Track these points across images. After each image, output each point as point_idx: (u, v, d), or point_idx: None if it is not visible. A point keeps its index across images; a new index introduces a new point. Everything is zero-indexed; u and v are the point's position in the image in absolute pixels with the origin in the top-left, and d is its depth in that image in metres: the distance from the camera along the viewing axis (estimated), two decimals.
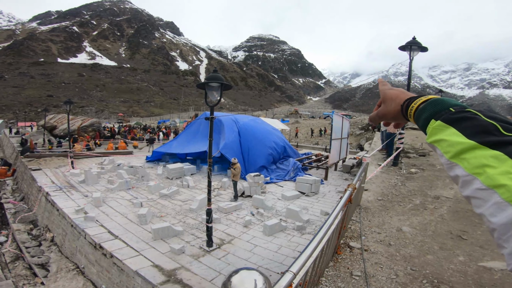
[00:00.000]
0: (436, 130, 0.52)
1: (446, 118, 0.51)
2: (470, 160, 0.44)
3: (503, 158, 0.40)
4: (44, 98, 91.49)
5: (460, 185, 0.47)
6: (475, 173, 0.43)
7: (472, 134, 0.46)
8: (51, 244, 7.43)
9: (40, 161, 13.14)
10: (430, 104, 0.58)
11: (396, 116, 0.69)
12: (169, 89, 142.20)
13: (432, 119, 0.54)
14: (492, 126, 0.45)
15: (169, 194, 8.31)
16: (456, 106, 0.54)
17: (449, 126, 0.50)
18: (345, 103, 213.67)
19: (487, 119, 0.46)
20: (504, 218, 0.38)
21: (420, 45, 7.93)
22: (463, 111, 0.50)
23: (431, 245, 4.09)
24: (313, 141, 29.76)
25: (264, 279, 0.78)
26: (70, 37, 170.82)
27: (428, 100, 0.60)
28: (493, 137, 0.43)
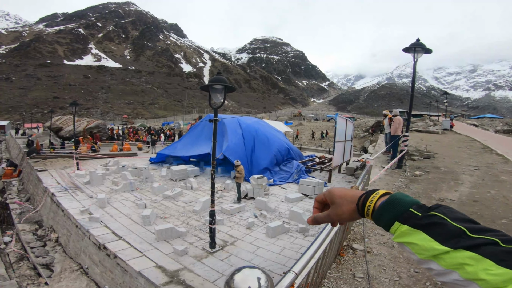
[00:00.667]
0: (404, 233, 0.55)
1: (414, 224, 0.55)
2: (446, 260, 0.50)
3: (478, 258, 0.47)
4: (50, 100, 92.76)
5: (434, 273, 0.52)
6: (453, 268, 0.49)
7: (444, 240, 0.50)
8: (56, 244, 7.51)
9: (46, 162, 13.31)
10: (389, 204, 0.60)
11: (352, 216, 0.69)
12: (173, 91, 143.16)
13: (396, 221, 0.57)
14: (460, 231, 0.50)
15: (173, 195, 8.35)
16: (414, 205, 0.58)
17: (419, 230, 0.54)
18: (349, 105, 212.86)
19: (454, 224, 0.51)
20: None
21: (424, 46, 7.88)
22: (430, 215, 0.54)
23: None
24: (317, 144, 29.70)
25: (266, 277, 0.79)
26: (76, 39, 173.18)
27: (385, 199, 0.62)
28: (464, 240, 0.49)
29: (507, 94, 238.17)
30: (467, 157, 9.75)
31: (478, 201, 5.59)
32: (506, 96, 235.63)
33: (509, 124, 21.97)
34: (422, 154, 10.09)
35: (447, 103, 34.50)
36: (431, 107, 54.48)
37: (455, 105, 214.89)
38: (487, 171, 7.82)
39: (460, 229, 0.50)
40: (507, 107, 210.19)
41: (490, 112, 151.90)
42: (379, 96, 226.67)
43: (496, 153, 9.79)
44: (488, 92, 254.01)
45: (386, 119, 10.85)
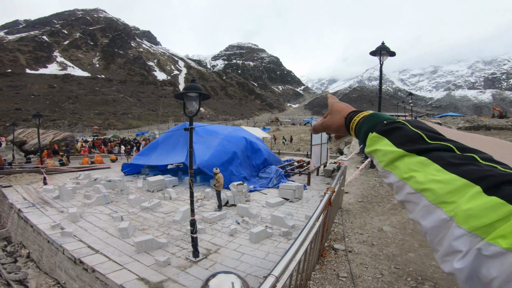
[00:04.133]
0: (372, 141, 0.56)
1: (379, 130, 0.56)
2: (400, 167, 0.48)
3: (427, 162, 0.44)
4: (12, 112, 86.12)
5: (395, 191, 0.50)
6: (405, 178, 0.46)
7: (400, 143, 0.50)
8: (28, 260, 7.12)
9: (10, 178, 12.38)
10: (367, 118, 0.63)
11: (339, 127, 0.72)
12: (147, 100, 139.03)
13: (370, 131, 0.58)
14: (417, 135, 0.49)
15: (151, 206, 8.11)
16: (389, 119, 0.59)
17: (382, 137, 0.54)
18: (323, 109, 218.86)
19: (413, 129, 0.51)
20: (432, 221, 0.39)
21: (389, 49, 8.42)
22: (393, 122, 0.55)
23: (411, 243, 4.27)
24: (295, 148, 30.22)
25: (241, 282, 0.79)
26: (39, 47, 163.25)
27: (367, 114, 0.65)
28: (419, 145, 0.47)
29: (466, 93, 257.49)
30: None
31: None
32: (465, 95, 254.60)
33: (470, 121, 23.74)
34: None
35: (412, 103, 36.75)
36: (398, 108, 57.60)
37: (420, 105, 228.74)
38: None
39: (418, 134, 0.49)
40: (467, 105, 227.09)
41: (452, 110, 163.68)
42: (351, 99, 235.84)
43: None
44: (449, 91, 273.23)
45: None
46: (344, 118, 0.71)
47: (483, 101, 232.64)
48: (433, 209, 0.39)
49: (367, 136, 0.59)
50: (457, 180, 0.38)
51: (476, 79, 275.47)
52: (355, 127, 0.65)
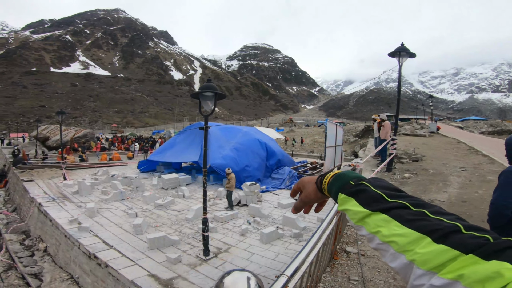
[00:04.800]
0: (342, 201, 0.65)
1: (347, 192, 0.65)
2: (369, 223, 0.57)
3: (389, 219, 0.54)
4: (37, 109, 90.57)
5: (367, 240, 0.60)
6: (373, 232, 0.56)
7: (366, 203, 0.59)
8: (44, 254, 7.36)
9: (33, 172, 12.95)
10: (335, 179, 0.71)
11: (316, 195, 0.79)
12: (164, 99, 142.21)
13: (339, 192, 0.67)
14: (378, 196, 0.59)
15: (165, 204, 8.25)
16: (355, 178, 0.67)
17: (351, 198, 0.63)
18: (338, 111, 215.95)
19: (375, 190, 0.60)
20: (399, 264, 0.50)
21: (409, 51, 8.14)
22: (358, 184, 0.64)
23: None
24: (308, 149, 29.95)
25: (256, 280, 0.78)
26: (63, 46, 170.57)
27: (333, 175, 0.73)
28: (381, 204, 0.57)
29: (490, 96, 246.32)
30: (454, 159, 10.01)
31: (466, 201, 5.72)
32: (489, 98, 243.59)
33: (494, 126, 22.70)
34: (410, 157, 10.31)
35: (432, 106, 35.51)
36: (417, 110, 55.86)
37: (441, 108, 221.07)
38: (474, 171, 8.03)
39: (379, 194, 0.59)
40: (490, 109, 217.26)
41: (474, 114, 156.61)
42: (368, 101, 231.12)
43: (482, 154, 10.07)
44: (472, 94, 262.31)
45: (375, 123, 11.07)
46: (315, 183, 0.79)
47: (507, 104, 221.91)
48: (398, 256, 0.50)
49: (338, 196, 0.68)
50: (413, 234, 0.49)
51: (500, 81, 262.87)
52: (327, 187, 0.74)
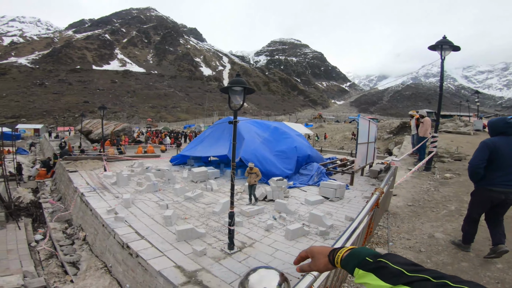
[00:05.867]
0: (361, 276, 0.73)
1: (367, 268, 0.72)
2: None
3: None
4: (81, 104, 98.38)
5: None
6: None
7: (387, 278, 0.66)
8: (83, 243, 7.83)
9: (77, 164, 14.05)
10: (351, 256, 0.79)
11: (326, 266, 0.87)
12: (194, 94, 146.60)
13: (356, 267, 0.75)
14: (399, 271, 0.65)
15: (194, 197, 8.48)
16: (371, 255, 0.74)
17: (370, 273, 0.71)
18: (371, 107, 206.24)
19: (395, 266, 0.67)
20: None
21: (452, 44, 7.49)
22: (378, 261, 0.71)
23: (466, 253, 3.81)
24: (338, 146, 29.03)
25: (283, 279, 0.76)
26: (103, 45, 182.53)
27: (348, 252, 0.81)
28: (403, 279, 0.63)
29: None
30: None
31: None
32: None
33: None
34: (452, 156, 9.52)
35: (478, 102, 32.44)
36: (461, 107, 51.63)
37: (488, 105, 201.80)
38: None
39: (399, 270, 0.65)
40: None
41: None
42: (404, 96, 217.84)
43: None
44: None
45: (413, 120, 10.37)
46: (327, 257, 0.87)
47: None
48: None
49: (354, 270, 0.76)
50: None
51: None
52: (340, 262, 0.82)
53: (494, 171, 3.29)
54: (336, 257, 0.83)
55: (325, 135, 34.09)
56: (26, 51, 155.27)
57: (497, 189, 3.29)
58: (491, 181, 3.33)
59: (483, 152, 3.30)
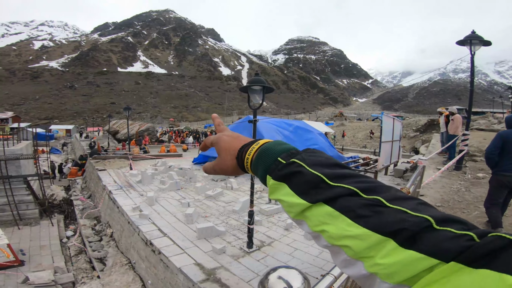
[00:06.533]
0: (273, 189, 0.48)
1: (277, 176, 0.47)
2: (311, 218, 0.43)
3: (336, 214, 0.39)
4: (108, 105, 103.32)
5: (313, 239, 0.45)
6: (318, 231, 0.42)
7: (303, 192, 0.43)
8: (110, 239, 8.16)
9: (105, 163, 14.74)
10: (260, 155, 0.53)
11: (234, 170, 0.60)
12: (214, 94, 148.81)
13: (267, 175, 0.50)
14: (317, 178, 0.43)
15: (214, 195, 8.61)
16: (284, 152, 0.50)
17: (283, 183, 0.46)
18: (396, 104, 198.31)
19: (311, 171, 0.44)
20: (356, 273, 0.37)
21: (482, 38, 7.05)
22: (289, 164, 0.47)
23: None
24: (360, 145, 28.22)
25: (303, 279, 0.74)
26: (126, 47, 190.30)
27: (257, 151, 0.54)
28: (322, 191, 0.42)
29: None
30: None
31: None
32: None
33: None
34: None
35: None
36: (494, 103, 48.46)
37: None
38: None
39: (318, 177, 0.43)
40: None
41: None
42: (431, 93, 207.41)
43: None
44: None
45: (442, 117, 9.84)
46: (235, 158, 0.58)
47: None
48: (354, 262, 0.38)
49: (266, 179, 0.51)
50: (371, 236, 0.36)
51: None
52: (251, 167, 0.55)
53: (506, 159, 3.74)
54: (246, 159, 0.55)
55: (343, 133, 33.24)
56: (56, 55, 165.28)
57: (508, 174, 3.72)
58: (502, 167, 3.78)
59: (497, 141, 3.79)
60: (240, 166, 0.58)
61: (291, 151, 0.50)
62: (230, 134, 0.64)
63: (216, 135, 0.66)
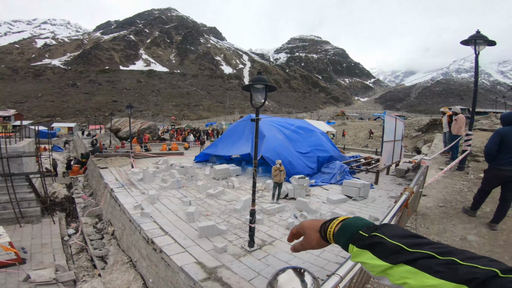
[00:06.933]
0: (356, 254, 0.63)
1: (360, 245, 0.62)
2: (392, 274, 0.55)
3: (415, 271, 0.51)
4: (110, 103, 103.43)
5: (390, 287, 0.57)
6: (399, 283, 0.54)
7: (385, 256, 0.57)
8: (112, 237, 8.16)
9: (107, 161, 14.76)
10: (342, 229, 0.68)
11: (320, 243, 0.75)
12: (216, 92, 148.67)
13: (350, 243, 0.65)
14: (397, 247, 0.56)
15: (215, 194, 8.60)
16: (364, 227, 0.64)
17: (365, 250, 0.61)
18: (398, 103, 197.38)
19: (392, 241, 0.57)
20: None
21: (486, 38, 6.99)
22: (372, 236, 0.61)
23: (501, 255, 3.57)
24: (362, 144, 28.14)
25: (312, 280, 0.73)
26: (128, 46, 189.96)
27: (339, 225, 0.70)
28: (402, 256, 0.54)
29: None
30: None
31: None
32: None
33: None
34: None
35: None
36: (497, 103, 48.26)
37: None
38: None
39: (397, 246, 0.56)
40: None
41: None
42: (433, 92, 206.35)
43: None
44: None
45: (444, 117, 9.78)
46: (318, 232, 0.75)
47: None
48: None
49: (348, 247, 0.66)
50: (447, 285, 0.45)
51: None
52: (333, 238, 0.70)
53: (503, 153, 4.04)
54: (328, 232, 0.71)
55: (343, 132, 33.16)
56: (58, 53, 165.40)
57: (504, 168, 4.03)
58: (500, 161, 4.08)
59: (495, 138, 4.10)
60: (323, 238, 0.74)
61: (369, 226, 0.65)
62: (308, 220, 0.82)
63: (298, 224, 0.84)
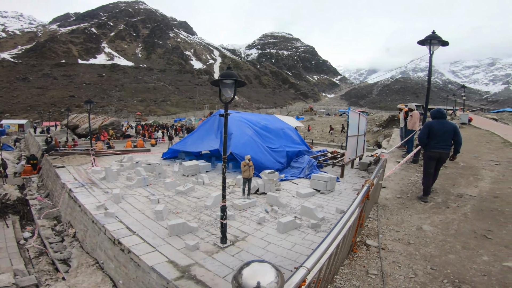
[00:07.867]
0: None
1: None
2: None
3: None
4: (67, 99, 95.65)
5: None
6: None
7: None
8: (73, 239, 7.69)
9: (64, 159, 13.71)
10: None
11: None
12: (184, 88, 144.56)
13: None
14: None
15: (185, 191, 8.44)
16: None
17: None
18: (361, 100, 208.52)
19: None
20: None
21: (441, 39, 7.61)
22: None
23: (453, 244, 3.92)
24: (329, 139, 29.34)
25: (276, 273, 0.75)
26: (89, 39, 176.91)
27: None
28: None
29: None
30: (487, 152, 9.35)
31: (498, 197, 5.35)
32: None
33: None
34: None
35: (465, 97, 33.27)
36: (448, 101, 52.82)
37: (473, 99, 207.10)
38: (508, 166, 7.48)
39: None
40: None
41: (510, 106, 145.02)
42: (393, 90, 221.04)
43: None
44: (508, 85, 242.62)
45: (401, 113, 10.55)
46: None
47: None
48: None
49: None
50: None
51: None
52: None
53: (432, 140, 5.37)
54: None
55: (308, 127, 34.49)
56: (8, 46, 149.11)
57: (434, 150, 5.36)
58: (430, 146, 5.40)
59: (425, 129, 5.47)
60: None
61: None
62: None
63: None
